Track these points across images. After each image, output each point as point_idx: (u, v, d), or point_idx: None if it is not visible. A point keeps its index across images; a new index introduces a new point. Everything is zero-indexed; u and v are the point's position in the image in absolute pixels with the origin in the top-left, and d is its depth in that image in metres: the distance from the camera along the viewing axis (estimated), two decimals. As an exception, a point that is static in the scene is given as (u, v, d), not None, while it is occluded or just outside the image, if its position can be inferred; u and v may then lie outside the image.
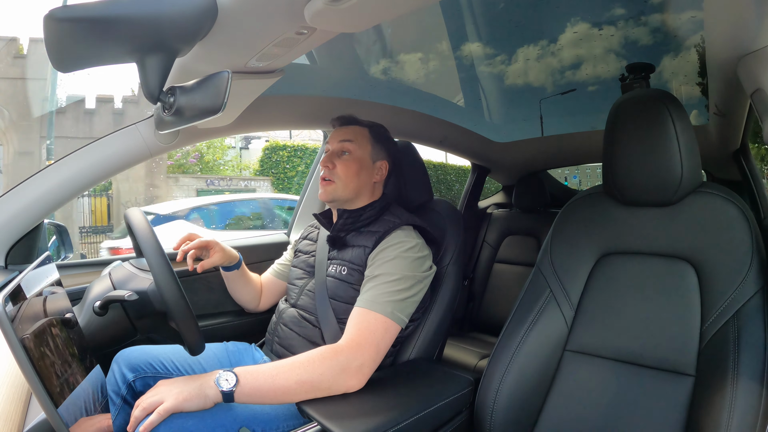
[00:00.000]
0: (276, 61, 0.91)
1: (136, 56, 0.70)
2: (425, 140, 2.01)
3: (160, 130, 0.93)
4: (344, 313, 1.03)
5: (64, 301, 0.86)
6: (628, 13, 1.46)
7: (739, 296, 0.82)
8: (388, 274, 1.00)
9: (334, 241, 1.13)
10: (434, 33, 1.69)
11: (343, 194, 1.14)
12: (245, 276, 1.31)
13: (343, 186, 1.13)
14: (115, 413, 0.99)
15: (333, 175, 1.14)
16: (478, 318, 2.27)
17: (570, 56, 1.70)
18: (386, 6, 0.69)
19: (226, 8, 0.69)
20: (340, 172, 1.14)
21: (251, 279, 1.34)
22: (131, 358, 1.05)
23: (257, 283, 1.35)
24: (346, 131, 1.18)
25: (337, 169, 1.14)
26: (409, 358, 1.10)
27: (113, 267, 1.13)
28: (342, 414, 0.82)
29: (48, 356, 0.66)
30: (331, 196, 1.14)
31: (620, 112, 0.97)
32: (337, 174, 1.13)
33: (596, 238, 1.02)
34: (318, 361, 0.88)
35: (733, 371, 0.77)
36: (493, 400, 0.96)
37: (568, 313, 1.00)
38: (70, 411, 0.65)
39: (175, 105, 0.79)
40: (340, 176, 1.13)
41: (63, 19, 0.59)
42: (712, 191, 0.92)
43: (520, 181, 2.33)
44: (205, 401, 0.81)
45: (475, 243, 2.41)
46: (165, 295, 0.88)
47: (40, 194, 1.10)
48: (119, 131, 1.19)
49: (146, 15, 0.64)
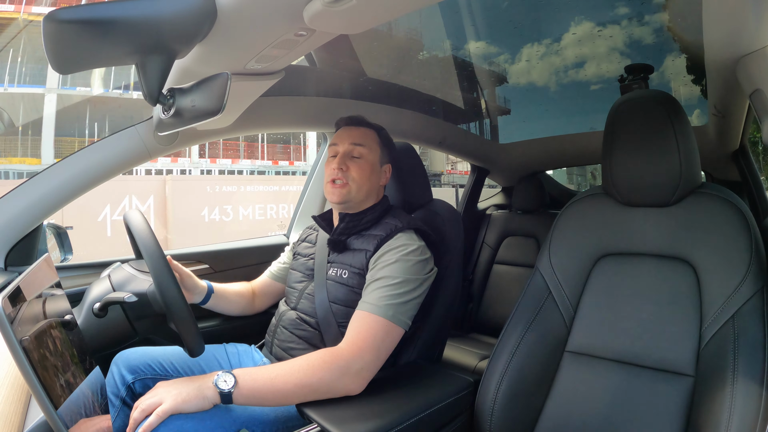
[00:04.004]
0: (275, 63, 0.91)
1: (135, 58, 0.70)
2: (425, 141, 2.01)
3: (159, 132, 0.93)
4: (344, 317, 1.03)
5: (63, 303, 0.86)
6: (628, 14, 1.46)
7: (738, 297, 0.82)
8: (389, 278, 0.99)
9: (335, 245, 1.13)
10: (434, 33, 1.69)
11: (357, 196, 1.12)
12: (222, 299, 1.24)
13: (358, 188, 1.11)
14: (114, 415, 0.98)
15: (347, 177, 1.11)
16: (478, 319, 2.27)
17: (571, 56, 1.71)
18: (385, 7, 0.69)
19: (226, 10, 0.69)
20: (354, 174, 1.11)
21: (231, 296, 1.26)
22: (130, 359, 1.04)
23: (242, 295, 1.30)
24: (357, 134, 1.16)
25: (351, 171, 1.11)
26: (409, 360, 1.10)
27: (113, 269, 1.13)
28: (342, 416, 0.82)
29: (47, 358, 0.66)
30: (345, 198, 1.11)
31: (619, 113, 0.97)
32: (351, 176, 1.11)
33: (595, 239, 1.02)
34: (318, 365, 0.88)
35: (732, 372, 0.77)
36: (492, 401, 0.95)
37: (568, 313, 1.00)
38: (69, 412, 0.65)
39: (175, 106, 0.79)
40: (354, 178, 1.11)
41: (63, 20, 0.59)
42: (712, 192, 0.92)
43: (519, 182, 2.33)
44: (204, 402, 0.81)
45: (475, 244, 2.41)
46: (164, 296, 0.88)
47: (40, 196, 1.10)
48: (118, 133, 1.19)
49: (146, 17, 0.64)
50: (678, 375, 0.86)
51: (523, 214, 2.32)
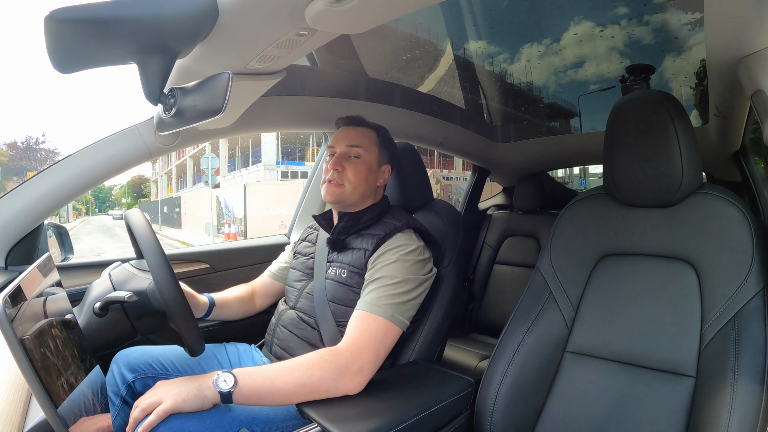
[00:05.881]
0: (276, 63, 0.91)
1: (136, 57, 0.70)
2: (426, 142, 2.01)
3: (160, 132, 0.93)
4: (343, 316, 1.03)
5: (64, 302, 0.86)
6: (628, 14, 1.46)
7: (740, 297, 0.82)
8: (388, 277, 0.99)
9: (334, 244, 1.13)
10: (435, 32, 1.69)
11: (351, 197, 1.13)
12: (224, 309, 1.25)
13: (352, 189, 1.12)
14: (114, 414, 0.98)
15: (342, 178, 1.11)
16: (478, 319, 2.27)
17: (572, 56, 1.71)
18: (387, 7, 0.69)
19: (227, 10, 0.69)
20: (350, 175, 1.12)
21: (232, 303, 1.27)
22: (131, 358, 1.04)
23: (243, 299, 1.30)
24: (354, 134, 1.16)
25: (347, 173, 1.12)
26: (409, 360, 1.10)
27: (113, 268, 1.13)
28: (342, 416, 0.82)
29: (48, 357, 0.66)
30: (338, 198, 1.12)
31: (621, 114, 0.97)
32: (347, 177, 1.12)
33: (596, 239, 1.02)
34: (317, 364, 0.88)
35: (733, 372, 0.77)
36: (493, 402, 0.95)
37: (569, 314, 1.00)
38: (69, 411, 0.65)
39: (176, 106, 0.79)
40: (350, 179, 1.12)
41: (64, 19, 0.59)
42: (713, 192, 0.92)
43: (520, 182, 2.33)
44: (204, 402, 0.81)
45: (475, 244, 2.41)
46: (165, 296, 0.88)
47: (41, 195, 1.11)
48: (119, 132, 1.19)
49: (147, 16, 0.64)
50: (679, 375, 0.86)
51: (523, 214, 2.32)
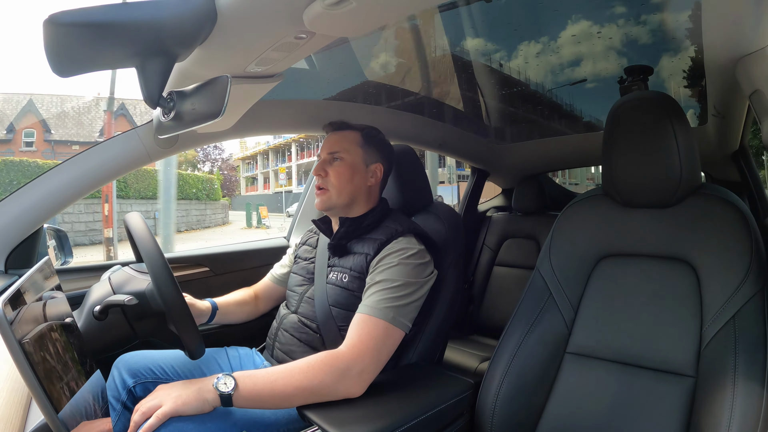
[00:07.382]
0: (275, 66, 0.91)
1: (135, 61, 0.70)
2: (424, 144, 2.01)
3: (159, 135, 0.93)
4: (345, 320, 1.03)
5: (63, 306, 0.86)
6: (626, 13, 1.46)
7: (739, 297, 0.82)
8: (390, 280, 0.99)
9: (336, 249, 1.13)
10: (433, 33, 1.69)
11: (338, 201, 1.12)
12: (226, 314, 1.25)
13: (337, 193, 1.12)
14: (115, 419, 0.98)
15: (326, 183, 1.12)
16: (479, 321, 2.26)
17: (569, 55, 1.71)
18: (385, 10, 0.69)
19: (226, 13, 0.69)
20: (332, 179, 1.12)
21: (234, 308, 1.27)
22: (131, 363, 1.04)
23: (245, 303, 1.30)
24: (335, 140, 1.16)
25: (330, 177, 1.12)
26: (410, 362, 1.10)
27: (113, 271, 1.13)
28: (343, 418, 0.82)
29: (48, 361, 0.66)
30: (326, 205, 1.13)
31: (619, 115, 0.97)
32: (330, 182, 1.12)
33: (596, 240, 1.02)
34: (318, 367, 0.87)
35: (733, 372, 0.77)
36: (493, 403, 0.95)
37: (569, 315, 1.00)
38: (70, 416, 0.65)
39: (175, 109, 0.79)
40: (333, 183, 1.12)
41: (63, 23, 0.59)
42: (712, 192, 0.92)
43: (519, 184, 2.33)
44: (204, 405, 0.81)
45: (475, 246, 2.41)
46: (165, 300, 0.88)
47: (40, 199, 1.10)
48: (118, 136, 1.19)
49: (146, 19, 0.64)
50: (679, 376, 0.86)
51: (523, 216, 2.32)
